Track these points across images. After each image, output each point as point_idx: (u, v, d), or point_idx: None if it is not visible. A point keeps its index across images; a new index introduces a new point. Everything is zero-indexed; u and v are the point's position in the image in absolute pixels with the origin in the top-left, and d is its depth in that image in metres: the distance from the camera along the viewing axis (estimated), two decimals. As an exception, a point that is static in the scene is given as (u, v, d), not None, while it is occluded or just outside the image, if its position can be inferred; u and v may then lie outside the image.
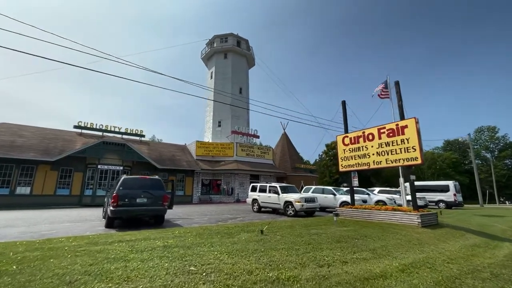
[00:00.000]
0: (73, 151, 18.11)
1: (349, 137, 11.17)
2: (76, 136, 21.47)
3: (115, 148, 20.15)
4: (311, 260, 4.42)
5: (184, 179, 23.77)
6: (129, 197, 7.70)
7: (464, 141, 29.07)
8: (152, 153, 23.23)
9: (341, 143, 11.45)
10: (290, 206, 11.78)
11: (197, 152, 25.36)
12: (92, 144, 19.01)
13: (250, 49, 35.31)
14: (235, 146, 26.20)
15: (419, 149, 8.74)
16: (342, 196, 14.08)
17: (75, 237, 5.89)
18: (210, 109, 32.37)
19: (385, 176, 52.34)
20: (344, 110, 11.73)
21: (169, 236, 6.10)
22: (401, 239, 6.56)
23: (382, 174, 52.76)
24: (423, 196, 19.28)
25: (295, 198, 11.61)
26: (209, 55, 34.53)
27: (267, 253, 4.68)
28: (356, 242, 5.97)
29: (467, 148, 55.52)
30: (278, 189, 12.66)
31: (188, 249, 4.81)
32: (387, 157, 9.67)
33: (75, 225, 8.46)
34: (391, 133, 9.63)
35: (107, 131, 22.58)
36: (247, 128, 29.85)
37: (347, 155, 11.14)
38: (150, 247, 4.83)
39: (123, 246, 4.93)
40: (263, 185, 13.89)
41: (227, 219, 10.66)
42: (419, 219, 8.02)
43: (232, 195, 24.95)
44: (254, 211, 13.96)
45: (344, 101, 11.80)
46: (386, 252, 5.35)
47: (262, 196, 13.53)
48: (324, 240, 5.98)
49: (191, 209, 15.67)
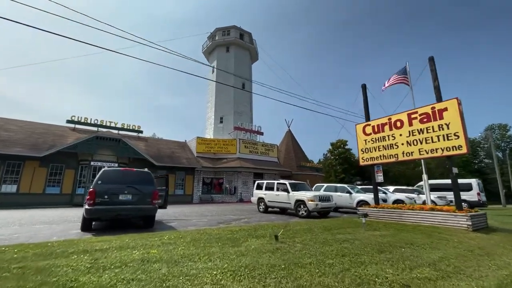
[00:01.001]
0: (63, 147, 16.73)
1: (372, 125, 9.62)
2: (68, 131, 20.11)
3: (109, 143, 18.76)
4: (357, 283, 2.92)
5: (184, 178, 22.32)
6: (110, 194, 6.25)
7: (482, 138, 27.20)
8: (150, 150, 21.82)
9: (362, 132, 9.90)
10: (302, 206, 10.25)
11: (198, 149, 23.90)
12: (84, 139, 17.63)
13: (254, 43, 33.84)
14: (238, 143, 24.72)
15: (463, 135, 7.18)
16: (359, 195, 12.51)
17: (28, 244, 4.43)
18: (212, 105, 30.94)
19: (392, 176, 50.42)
20: (364, 95, 10.19)
21: (154, 243, 4.62)
22: (459, 247, 5.02)
23: (389, 173, 50.95)
24: (444, 195, 17.61)
25: (308, 197, 10.09)
26: (211, 48, 33.11)
27: (290, 272, 3.18)
28: (404, 252, 4.45)
29: (477, 146, 53.46)
30: (288, 186, 11.15)
31: (175, 265, 3.33)
32: (420, 146, 8.12)
33: (48, 227, 7.03)
34: (425, 118, 8.07)
35: (102, 126, 21.20)
36: (250, 125, 28.35)
37: (369, 146, 9.59)
38: (121, 263, 3.34)
39: (83, 260, 3.45)
40: (270, 183, 12.37)
41: (230, 220, 9.16)
42: (469, 221, 6.45)
43: (235, 194, 23.45)
44: (260, 211, 12.44)
45: (365, 85, 10.26)
46: (452, 267, 3.82)
47: (269, 195, 12.01)
48: (361, 250, 4.46)
49: (190, 209, 14.21)
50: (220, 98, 30.37)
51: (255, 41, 34.15)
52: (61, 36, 6.42)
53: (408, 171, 51.87)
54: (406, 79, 11.28)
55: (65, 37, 6.35)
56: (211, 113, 30.88)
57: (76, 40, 6.80)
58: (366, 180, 47.79)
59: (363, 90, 10.21)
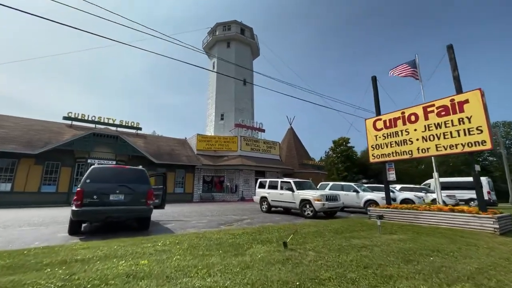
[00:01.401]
0: (59, 144, 16.18)
1: (383, 120, 9.00)
2: (65, 128, 19.57)
3: (107, 140, 18.20)
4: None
5: (184, 176, 21.78)
6: (99, 194, 5.66)
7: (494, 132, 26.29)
8: (149, 147, 21.26)
9: (372, 127, 9.28)
10: (308, 206, 9.66)
11: (198, 146, 23.32)
12: (81, 135, 17.07)
13: (255, 38, 33.09)
14: (239, 140, 24.12)
15: (487, 129, 6.55)
16: (367, 194, 11.91)
17: (1, 252, 3.86)
18: (212, 101, 30.30)
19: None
20: (375, 88, 9.54)
21: (146, 251, 4.04)
22: (492, 255, 4.41)
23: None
24: (452, 194, 16.97)
25: (315, 196, 9.50)
26: (211, 44, 32.39)
27: (307, 292, 2.59)
28: (433, 262, 3.85)
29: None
30: (293, 185, 10.56)
31: (167, 281, 2.74)
32: (437, 142, 7.49)
33: (35, 230, 6.47)
34: (444, 112, 7.44)
35: (100, 123, 20.64)
36: (251, 121, 27.73)
37: (380, 142, 8.97)
38: (100, 280, 2.76)
39: (56, 275, 2.87)
40: (274, 181, 11.78)
41: (231, 221, 8.59)
42: (496, 224, 5.84)
43: (236, 193, 22.90)
44: (263, 210, 11.87)
45: (375, 77, 9.61)
46: (494, 282, 3.21)
47: (273, 194, 11.43)
48: (384, 259, 3.86)
49: (190, 208, 13.66)
50: (221, 94, 29.74)
51: (256, 36, 33.42)
52: (61, 24, 5.81)
53: (411, 169, 51.02)
54: (415, 73, 10.67)
55: (67, 26, 5.74)
56: (211, 110, 30.26)
57: (76, 29, 6.20)
58: (370, 178, 47.08)
59: (373, 83, 9.56)
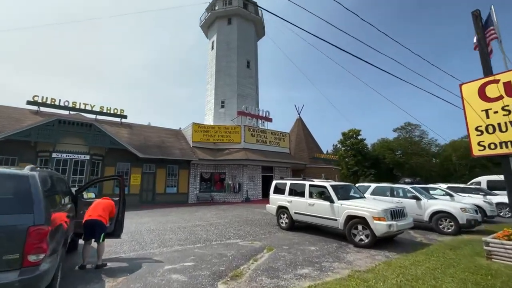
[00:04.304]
0: (10, 133, 12.48)
1: (503, 82, 5.16)
2: (28, 114, 15.85)
3: (78, 130, 14.48)
4: None
5: (178, 173, 18.13)
6: None
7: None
8: (134, 138, 17.55)
9: (478, 96, 5.45)
10: (361, 227, 5.97)
11: (194, 137, 19.54)
12: (41, 123, 13.35)
13: (260, 14, 28.85)
14: (242, 130, 20.32)
15: None
16: (435, 202, 8.18)
17: None
18: (211, 87, 26.38)
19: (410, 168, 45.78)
20: (478, 29, 5.67)
21: None
22: None
23: (406, 165, 46.36)
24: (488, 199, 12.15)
25: (373, 211, 5.78)
26: (210, 21, 28.21)
27: None
28: None
29: None
30: (330, 191, 6.83)
31: None
32: None
33: None
34: None
35: (75, 109, 16.86)
36: (256, 109, 23.83)
37: (496, 122, 5.17)
38: None
39: None
40: (298, 184, 8.03)
41: (237, 258, 4.90)
42: None
43: (240, 192, 19.25)
44: (282, 227, 8.19)
45: (479, 12, 5.73)
46: None
47: (297, 203, 7.71)
48: None
49: (175, 218, 10.01)
50: (221, 78, 25.79)
51: (261, 12, 29.16)
52: None
53: (427, 163, 47.12)
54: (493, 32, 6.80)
55: None
56: (210, 97, 26.36)
57: None
58: (382, 174, 42.91)
59: (475, 22, 5.69)
